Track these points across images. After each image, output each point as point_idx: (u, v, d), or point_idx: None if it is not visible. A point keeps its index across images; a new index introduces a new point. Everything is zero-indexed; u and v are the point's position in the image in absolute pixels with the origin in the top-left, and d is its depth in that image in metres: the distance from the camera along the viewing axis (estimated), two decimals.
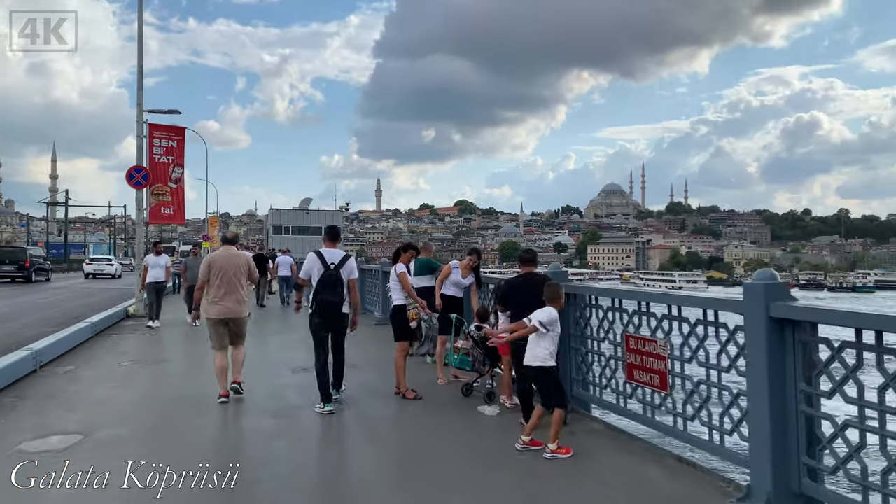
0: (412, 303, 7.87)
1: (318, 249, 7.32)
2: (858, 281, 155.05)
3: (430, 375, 8.66)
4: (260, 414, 7.03)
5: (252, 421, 6.80)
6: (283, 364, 10.07)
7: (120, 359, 10.62)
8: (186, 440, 6.06)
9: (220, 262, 7.68)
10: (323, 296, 6.95)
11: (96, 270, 43.08)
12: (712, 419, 4.90)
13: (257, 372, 9.14)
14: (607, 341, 6.26)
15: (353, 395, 7.87)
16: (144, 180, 17.29)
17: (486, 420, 6.75)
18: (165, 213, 18.48)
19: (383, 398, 7.76)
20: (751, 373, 4.27)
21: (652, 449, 5.65)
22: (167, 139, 18.36)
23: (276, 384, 8.64)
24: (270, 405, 7.40)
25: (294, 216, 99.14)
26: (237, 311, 7.67)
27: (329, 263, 7.03)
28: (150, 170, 17.51)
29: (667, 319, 5.36)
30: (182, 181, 18.72)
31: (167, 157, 18.31)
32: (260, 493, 4.72)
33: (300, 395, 7.92)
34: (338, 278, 7.00)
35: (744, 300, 4.25)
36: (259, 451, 5.71)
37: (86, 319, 13.56)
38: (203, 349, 11.82)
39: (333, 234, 7.54)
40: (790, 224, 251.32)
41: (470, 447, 5.86)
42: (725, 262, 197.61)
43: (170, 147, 18.36)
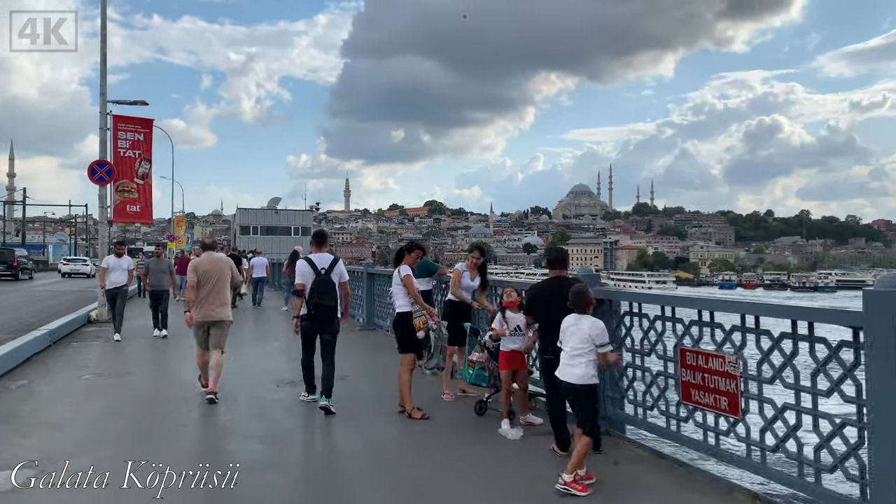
0: (419, 310, 6.96)
1: (307, 256, 7.41)
2: (821, 281, 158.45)
3: (432, 390, 7.77)
4: (245, 439, 6.10)
5: (236, 447, 5.87)
6: (267, 375, 9.13)
7: (80, 371, 9.51)
8: (158, 472, 5.07)
9: (204, 266, 7.89)
10: (317, 300, 7.05)
11: (72, 270, 46.52)
12: (802, 452, 4.12)
13: (239, 385, 8.31)
14: (654, 355, 5.46)
15: (350, 411, 6.98)
16: (108, 176, 16.07)
17: (507, 444, 5.92)
18: (131, 211, 17.14)
19: (385, 417, 6.87)
20: (875, 399, 3.49)
21: (715, 481, 4.86)
22: (133, 132, 16.99)
23: (261, 400, 7.70)
24: (256, 428, 6.47)
25: (263, 216, 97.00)
26: (220, 314, 7.89)
27: (320, 269, 7.13)
28: (114, 165, 16.28)
29: (738, 331, 4.58)
30: (149, 177, 17.41)
31: (133, 152, 16.97)
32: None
33: (290, 415, 7.03)
34: (330, 282, 7.11)
35: (866, 311, 3.48)
36: (248, 485, 4.80)
37: (43, 326, 12.38)
38: (171, 360, 10.96)
39: (320, 239, 7.64)
40: (753, 225, 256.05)
41: (493, 478, 5.05)
42: (691, 263, 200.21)
43: (136, 141, 17.02)
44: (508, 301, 6.34)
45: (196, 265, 7.96)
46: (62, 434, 6.29)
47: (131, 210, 17.02)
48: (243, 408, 7.32)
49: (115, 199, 16.57)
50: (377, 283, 14.16)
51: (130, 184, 16.81)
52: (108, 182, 16.13)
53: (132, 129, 17.04)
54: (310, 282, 7.08)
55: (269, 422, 6.74)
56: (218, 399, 7.48)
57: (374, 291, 14.24)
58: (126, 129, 16.94)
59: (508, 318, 6.24)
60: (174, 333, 12.93)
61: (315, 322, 7.13)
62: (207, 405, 7.34)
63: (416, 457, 5.75)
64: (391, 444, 6.13)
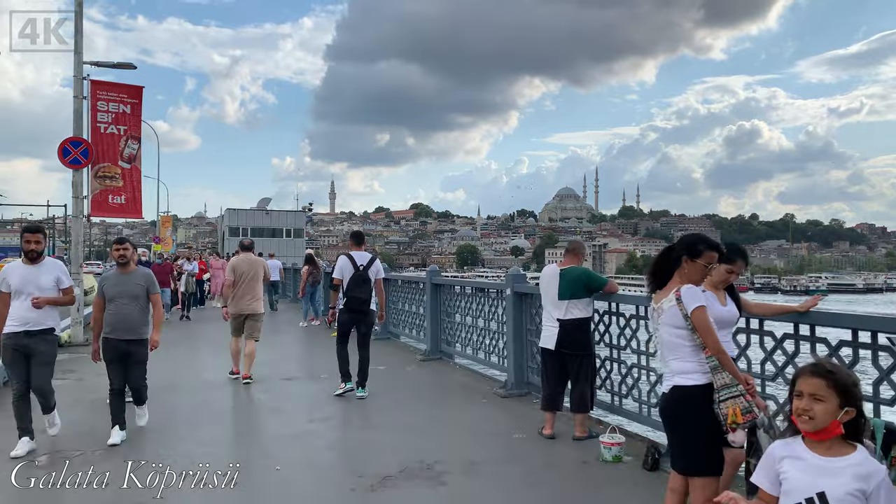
0: (729, 386, 3.41)
1: (348, 252, 7.93)
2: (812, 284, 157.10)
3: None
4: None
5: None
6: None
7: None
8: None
9: (242, 266, 8.89)
10: (353, 293, 7.61)
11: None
12: None
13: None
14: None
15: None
16: (84, 158, 12.49)
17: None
18: (115, 204, 13.15)
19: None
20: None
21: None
22: (117, 102, 13.12)
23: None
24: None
25: (252, 217, 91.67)
26: (254, 307, 8.84)
27: (359, 265, 7.67)
28: (92, 144, 12.67)
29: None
30: (138, 160, 13.64)
31: (117, 128, 13.08)
32: None
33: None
34: (366, 278, 7.67)
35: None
36: None
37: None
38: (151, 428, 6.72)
39: (359, 238, 8.29)
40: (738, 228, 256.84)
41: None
42: None
43: (121, 113, 13.10)
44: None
45: (234, 265, 8.95)
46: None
47: (115, 202, 13.24)
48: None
49: (94, 187, 12.89)
50: (444, 298, 10.65)
51: (113, 168, 13.07)
52: (84, 165, 12.55)
53: (116, 97, 13.08)
54: (348, 277, 7.61)
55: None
56: (253, 380, 8.51)
57: (440, 308, 10.68)
58: (108, 97, 13.00)
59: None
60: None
61: (352, 313, 7.64)
62: None
63: None
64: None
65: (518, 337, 7.82)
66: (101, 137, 12.88)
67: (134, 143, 13.19)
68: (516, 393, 7.71)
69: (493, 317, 8.78)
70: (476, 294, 9.42)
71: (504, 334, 8.25)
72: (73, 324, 12.43)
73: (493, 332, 8.77)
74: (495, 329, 8.69)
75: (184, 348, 11.93)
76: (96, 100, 12.85)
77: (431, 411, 7.18)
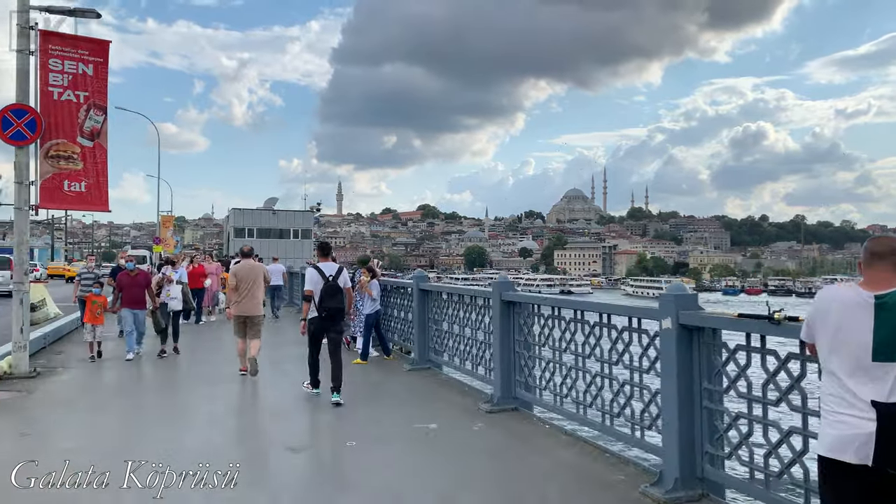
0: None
1: (315, 264, 8.25)
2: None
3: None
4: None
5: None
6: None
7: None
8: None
9: (243, 272, 9.71)
10: (327, 304, 7.86)
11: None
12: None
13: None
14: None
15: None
16: (31, 131, 9.56)
17: None
18: (72, 192, 9.93)
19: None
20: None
21: None
22: (75, 59, 9.86)
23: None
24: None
25: (258, 217, 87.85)
26: (254, 309, 9.70)
27: (328, 276, 7.92)
28: (41, 114, 9.71)
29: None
30: (104, 136, 10.23)
31: (75, 94, 9.91)
32: None
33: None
34: (337, 288, 7.95)
35: None
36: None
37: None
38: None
39: (325, 249, 8.69)
40: (748, 230, 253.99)
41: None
42: (692, 268, 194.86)
43: (81, 75, 9.90)
44: None
45: (236, 271, 9.82)
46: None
47: (72, 190, 9.90)
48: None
49: (45, 170, 9.88)
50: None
51: (70, 146, 9.92)
52: (30, 141, 9.59)
53: (74, 55, 9.85)
54: (319, 288, 7.88)
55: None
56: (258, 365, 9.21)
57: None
58: (63, 54, 9.78)
59: None
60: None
61: (325, 322, 7.92)
62: None
63: None
64: None
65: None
66: (54, 105, 9.79)
67: (98, 113, 10.15)
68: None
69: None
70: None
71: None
72: (14, 349, 9.49)
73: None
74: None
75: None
76: (48, 56, 9.69)
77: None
